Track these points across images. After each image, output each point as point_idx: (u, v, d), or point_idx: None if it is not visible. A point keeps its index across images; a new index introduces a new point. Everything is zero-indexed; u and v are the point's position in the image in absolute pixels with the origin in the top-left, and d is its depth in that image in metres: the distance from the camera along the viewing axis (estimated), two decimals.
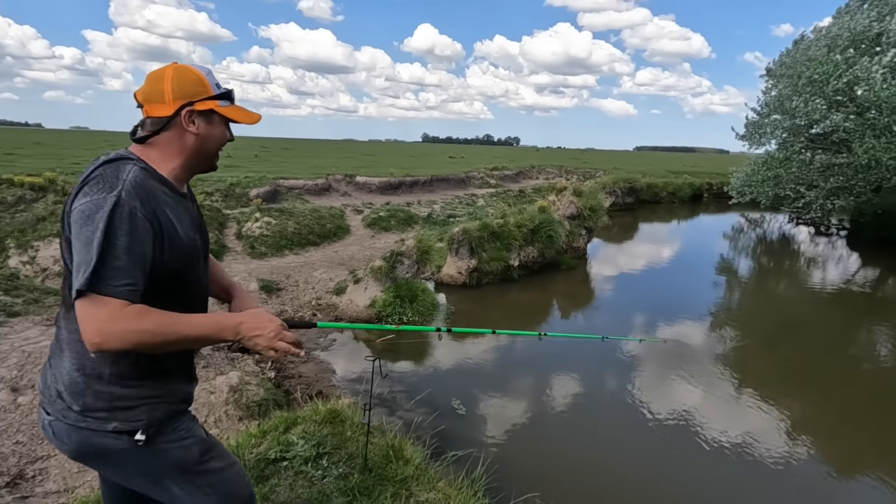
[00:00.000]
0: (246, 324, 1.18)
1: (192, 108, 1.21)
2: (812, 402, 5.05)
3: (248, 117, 1.31)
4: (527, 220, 9.34)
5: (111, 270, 1.04)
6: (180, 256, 1.20)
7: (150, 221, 1.11)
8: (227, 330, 1.17)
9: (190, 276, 1.28)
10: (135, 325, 1.04)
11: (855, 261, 12.61)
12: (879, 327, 7.70)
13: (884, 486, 3.68)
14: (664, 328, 6.93)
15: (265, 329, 1.19)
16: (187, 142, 1.23)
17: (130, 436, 1.19)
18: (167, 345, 1.10)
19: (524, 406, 4.74)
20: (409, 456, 2.19)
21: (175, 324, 1.11)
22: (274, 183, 13.04)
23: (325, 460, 2.08)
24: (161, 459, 1.25)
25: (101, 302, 1.03)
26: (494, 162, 28.23)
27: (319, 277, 8.22)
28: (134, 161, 1.18)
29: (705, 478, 3.70)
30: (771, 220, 18.97)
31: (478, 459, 2.53)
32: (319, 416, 2.47)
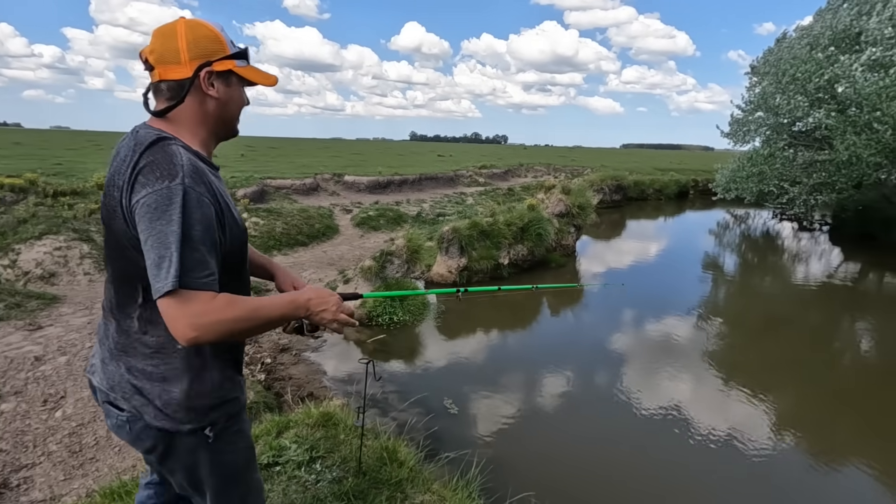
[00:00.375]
0: (314, 300, 1.19)
1: (211, 69, 1.11)
2: (796, 394, 5.13)
3: (265, 78, 1.22)
4: (516, 219, 9.37)
5: (193, 263, 0.99)
6: (238, 236, 1.16)
7: (213, 206, 1.06)
8: (300, 307, 1.17)
9: (245, 257, 1.25)
10: (229, 314, 1.03)
11: (837, 256, 12.85)
12: (861, 321, 7.86)
13: (864, 474, 3.76)
14: (652, 323, 6.99)
15: (329, 303, 1.20)
16: (209, 108, 1.14)
17: (202, 432, 1.17)
18: (255, 330, 1.10)
19: (517, 404, 4.75)
20: (403, 458, 2.18)
21: (261, 308, 1.10)
22: (261, 183, 12.91)
23: (318, 464, 2.05)
24: (213, 462, 1.22)
25: (189, 297, 0.99)
26: (483, 160, 28.27)
27: (309, 278, 8.16)
28: (174, 141, 1.08)
29: (695, 471, 3.74)
30: (755, 215, 19.25)
31: (472, 460, 2.52)
32: (312, 419, 2.44)
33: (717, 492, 3.53)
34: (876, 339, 7.13)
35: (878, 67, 10.20)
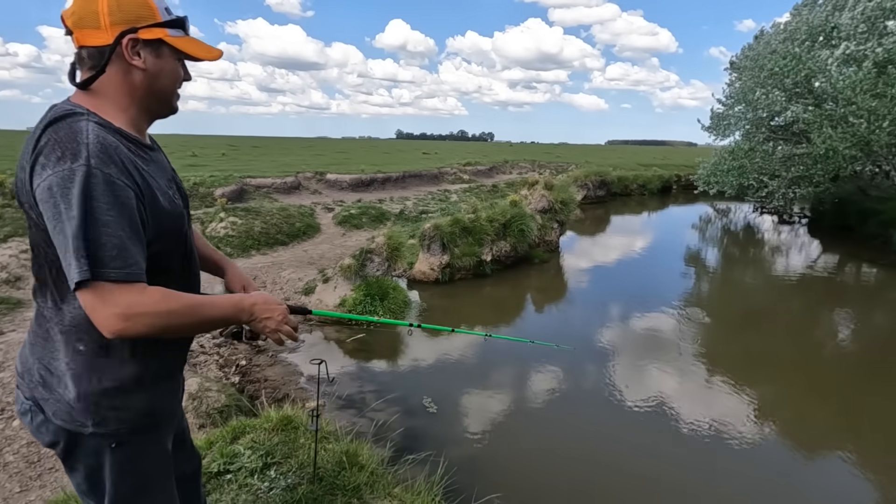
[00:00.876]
0: (259, 305, 1.13)
1: (136, 37, 1.00)
2: (777, 385, 5.15)
3: (206, 52, 1.11)
4: (498, 215, 9.32)
5: (109, 250, 0.90)
6: (167, 221, 1.06)
7: (132, 188, 0.96)
8: (243, 311, 1.11)
9: (181, 244, 1.15)
10: (162, 307, 0.96)
11: (816, 248, 13.04)
12: (839, 311, 7.96)
13: (843, 462, 3.77)
14: (634, 318, 6.99)
15: (275, 312, 1.15)
16: (135, 80, 1.03)
17: (105, 439, 1.08)
18: (191, 328, 1.05)
19: (497, 403, 4.69)
20: (364, 461, 2.10)
21: (201, 305, 1.04)
22: (240, 182, 12.68)
23: (272, 471, 1.96)
24: (118, 470, 1.11)
25: (111, 289, 0.91)
26: (468, 157, 28.21)
27: (288, 277, 8.02)
28: (85, 115, 0.97)
29: (677, 465, 3.71)
30: (737, 209, 19.49)
31: (443, 460, 2.45)
32: (271, 423, 2.35)
33: (699, 485, 3.51)
34: (853, 328, 7.22)
35: (852, 62, 10.35)
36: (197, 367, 5.30)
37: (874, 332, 7.14)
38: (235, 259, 8.72)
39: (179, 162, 18.61)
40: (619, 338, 6.28)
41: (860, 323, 7.43)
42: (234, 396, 4.32)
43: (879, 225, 12.09)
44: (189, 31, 1.11)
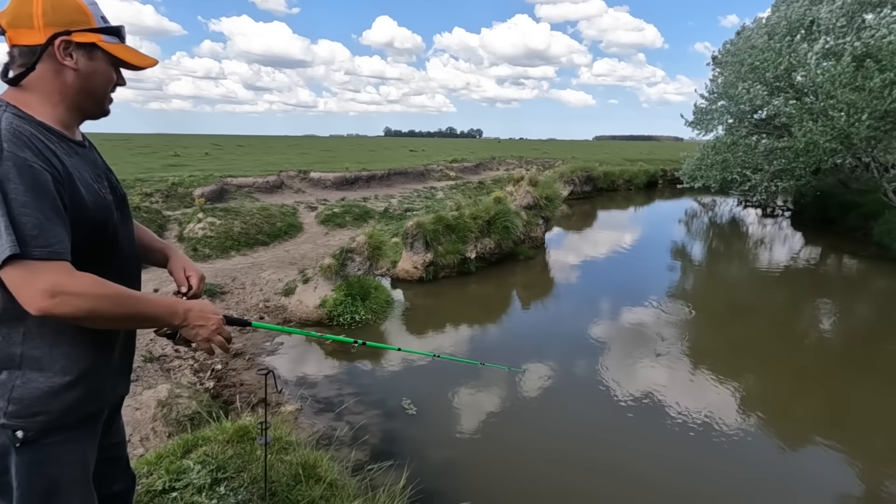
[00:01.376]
0: (193, 311, 1.16)
1: (69, 39, 1.05)
2: (763, 376, 5.14)
3: (139, 59, 1.16)
4: (482, 212, 9.24)
5: (30, 230, 0.93)
6: (90, 213, 1.07)
7: (49, 172, 0.98)
8: (176, 315, 1.13)
9: (108, 240, 1.14)
10: (92, 290, 0.98)
11: (798, 240, 13.17)
12: (822, 302, 8.02)
13: (829, 452, 3.76)
14: (620, 313, 6.96)
15: (209, 321, 1.17)
16: (66, 79, 1.08)
17: (10, 432, 1.04)
18: (120, 320, 1.06)
19: (478, 403, 4.61)
20: (323, 473, 2.00)
21: (134, 297, 1.06)
22: (221, 181, 12.45)
23: (222, 487, 1.85)
24: (24, 471, 1.06)
25: (38, 267, 0.93)
26: (455, 154, 28.10)
27: (268, 278, 7.87)
28: (3, 107, 1.01)
29: (659, 462, 3.66)
30: (721, 203, 19.63)
31: (410, 466, 2.36)
32: (226, 435, 2.24)
33: (682, 481, 3.47)
34: (835, 320, 7.27)
35: (831, 56, 10.41)
36: (170, 373, 5.16)
37: (856, 324, 7.19)
38: (214, 260, 8.55)
39: (161, 162, 18.28)
40: (604, 334, 6.24)
41: (842, 314, 7.49)
42: (205, 403, 4.19)
43: (860, 217, 12.23)
44: (125, 40, 1.17)
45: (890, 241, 10.23)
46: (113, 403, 1.27)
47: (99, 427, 1.20)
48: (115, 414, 1.33)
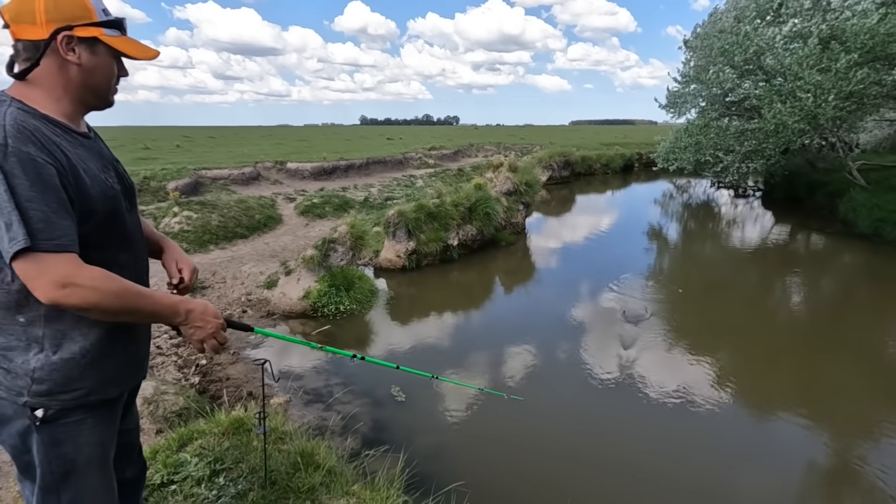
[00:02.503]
0: (195, 312, 1.20)
1: (71, 34, 1.07)
2: (736, 350, 5.34)
3: (142, 52, 1.18)
4: (463, 199, 9.26)
5: (36, 223, 0.96)
6: (98, 203, 1.10)
7: (54, 166, 1.01)
8: (178, 314, 1.17)
9: (118, 229, 1.18)
10: (100, 283, 1.02)
11: (769, 219, 13.59)
12: (791, 279, 8.33)
13: (798, 418, 3.95)
14: (601, 295, 7.11)
15: (208, 324, 1.21)
16: (70, 74, 1.10)
17: (31, 411, 1.09)
18: (124, 313, 1.08)
19: (462, 391, 4.68)
20: (321, 460, 2.03)
21: (139, 294, 1.09)
22: (195, 174, 12.15)
23: (221, 478, 1.86)
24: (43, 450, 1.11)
25: (47, 258, 0.97)
26: (433, 142, 27.95)
27: (249, 272, 7.77)
28: (7, 102, 1.04)
29: (641, 440, 3.79)
30: (695, 185, 20.07)
31: (407, 452, 2.40)
32: (221, 427, 2.24)
33: (663, 456, 3.60)
34: (804, 295, 7.57)
35: (799, 38, 10.67)
36: (154, 370, 5.08)
37: (823, 298, 7.51)
38: (192, 255, 8.38)
39: (130, 155, 17.70)
40: (585, 316, 6.37)
41: (810, 290, 7.80)
42: (193, 398, 4.15)
43: (826, 196, 12.68)
44: (126, 32, 1.19)
45: (854, 218, 10.65)
46: (131, 387, 1.30)
47: (118, 411, 1.24)
48: (131, 399, 1.38)
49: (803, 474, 3.44)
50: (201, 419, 3.58)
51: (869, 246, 9.59)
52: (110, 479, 1.22)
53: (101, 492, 1.19)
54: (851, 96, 10.14)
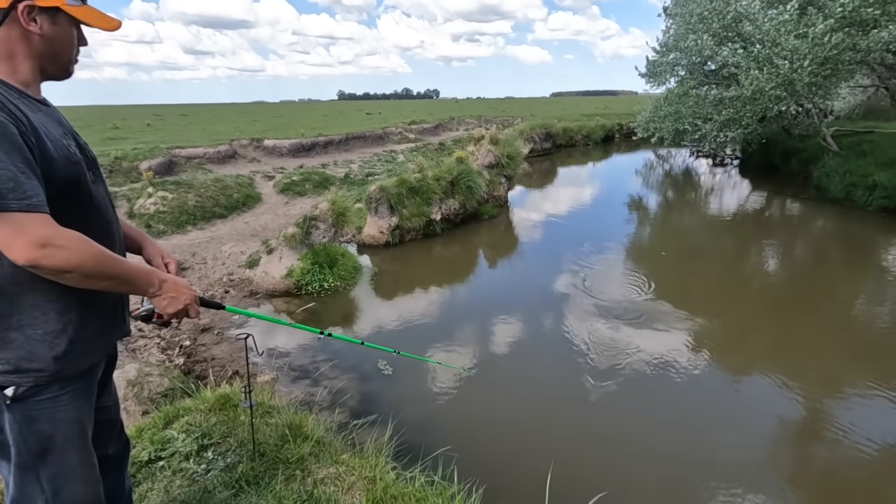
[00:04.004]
0: (169, 283, 1.20)
1: (33, 3, 1.06)
2: (714, 314, 5.49)
3: (104, 21, 1.17)
4: (445, 173, 9.19)
5: (5, 184, 0.93)
6: (59, 168, 1.07)
7: (12, 123, 0.98)
8: (153, 283, 1.17)
9: (83, 196, 1.15)
10: (79, 245, 1.00)
11: (746, 187, 13.83)
12: (766, 243, 8.54)
13: (776, 379, 4.12)
14: (584, 265, 7.20)
15: (181, 295, 1.22)
16: (32, 43, 1.09)
17: (2, 389, 1.06)
18: (103, 278, 1.06)
19: (451, 358, 4.75)
20: (309, 432, 2.05)
21: (116, 258, 1.08)
22: (168, 153, 11.78)
23: (210, 452, 1.87)
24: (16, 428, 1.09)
25: (21, 218, 0.94)
26: (413, 116, 27.51)
27: (230, 251, 7.66)
28: None
29: (624, 395, 3.92)
30: (675, 154, 20.24)
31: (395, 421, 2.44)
32: (208, 404, 2.24)
33: (643, 418, 3.73)
34: (780, 259, 7.78)
35: (777, 3, 10.66)
36: (136, 353, 5.03)
37: (796, 262, 7.73)
38: (170, 236, 8.21)
39: (99, 136, 17.06)
40: (567, 286, 6.46)
41: (784, 255, 8.01)
42: (178, 378, 4.13)
43: (800, 162, 12.91)
44: (87, 2, 1.17)
45: (827, 184, 10.90)
46: (102, 361, 1.28)
47: (93, 387, 1.22)
48: (108, 375, 1.36)
49: (776, 432, 3.60)
50: (187, 398, 3.58)
51: (840, 210, 9.85)
52: (90, 456, 1.21)
53: (81, 468, 1.18)
54: (827, 62, 10.24)
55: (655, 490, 2.98)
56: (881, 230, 8.68)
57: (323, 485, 1.77)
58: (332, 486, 1.78)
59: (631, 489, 2.98)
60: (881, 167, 9.88)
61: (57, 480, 1.14)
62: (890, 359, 4.46)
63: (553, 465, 2.18)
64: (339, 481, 1.80)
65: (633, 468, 3.17)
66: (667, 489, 2.99)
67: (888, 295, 5.98)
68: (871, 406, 3.76)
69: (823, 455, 3.34)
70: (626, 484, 3.01)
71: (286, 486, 1.73)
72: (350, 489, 1.77)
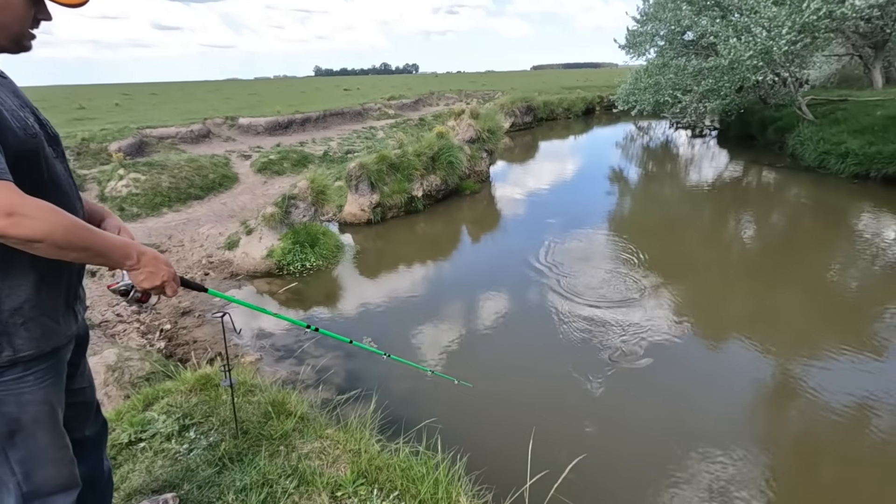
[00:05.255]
0: (147, 256, 1.16)
1: None
2: (692, 282, 5.61)
3: None
4: (425, 148, 9.09)
5: None
6: (14, 139, 1.02)
7: None
8: (130, 256, 1.13)
9: (42, 170, 1.10)
10: (49, 215, 0.96)
11: (724, 157, 13.99)
12: (743, 212, 8.71)
13: (753, 343, 4.25)
14: (566, 238, 7.25)
15: (160, 271, 1.18)
16: None
17: None
18: (74, 248, 1.01)
19: (435, 332, 4.78)
20: (292, 409, 2.05)
21: (88, 229, 1.04)
22: (139, 134, 11.38)
23: (192, 432, 1.86)
24: None
25: None
26: (392, 91, 26.97)
27: (207, 233, 7.51)
28: None
29: (602, 363, 4.00)
30: (655, 126, 20.31)
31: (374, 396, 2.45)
32: (188, 385, 2.22)
33: (624, 383, 3.82)
34: (756, 227, 7.95)
35: None
36: (115, 338, 4.95)
37: (771, 230, 7.90)
38: (145, 219, 8.01)
39: (64, 116, 16.37)
40: (550, 259, 6.51)
41: (760, 222, 8.18)
42: (160, 362, 4.09)
43: (776, 132, 13.08)
44: None
45: (802, 152, 11.08)
46: (68, 343, 1.24)
47: (61, 368, 1.19)
48: (80, 358, 1.32)
49: (751, 395, 3.73)
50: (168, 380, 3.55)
51: (814, 178, 10.06)
52: (61, 438, 1.19)
53: (52, 450, 1.16)
54: (804, 29, 10.28)
55: (633, 452, 3.09)
56: (852, 196, 8.91)
57: (308, 459, 1.78)
58: (317, 459, 1.79)
59: (610, 452, 3.07)
60: (853, 134, 10.07)
61: (28, 463, 1.12)
62: (859, 321, 4.63)
63: (535, 431, 2.23)
64: (323, 455, 1.81)
65: (611, 432, 3.26)
66: (644, 451, 3.09)
67: (858, 260, 6.17)
68: (840, 367, 3.92)
69: (796, 415, 3.48)
70: (605, 447, 3.11)
71: (270, 461, 1.74)
72: (335, 462, 1.78)
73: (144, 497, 1.57)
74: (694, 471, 2.87)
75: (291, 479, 1.64)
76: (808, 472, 2.97)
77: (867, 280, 5.58)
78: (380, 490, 1.63)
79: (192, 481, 1.62)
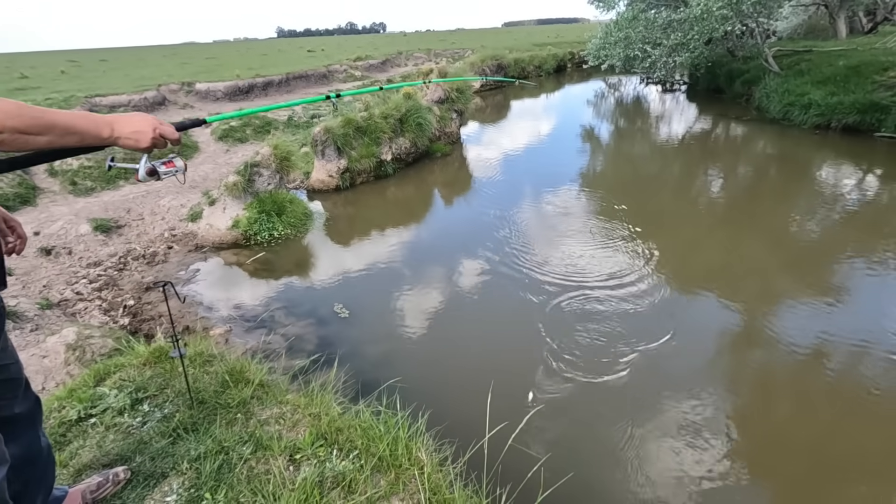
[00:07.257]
0: (121, 120, 1.10)
1: None
2: (662, 235, 5.71)
3: None
4: (393, 110, 8.83)
5: None
6: None
7: None
8: (103, 127, 1.07)
9: None
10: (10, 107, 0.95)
11: (693, 111, 14.05)
12: (710, 165, 8.82)
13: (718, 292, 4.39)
14: (539, 197, 7.25)
15: (144, 125, 1.12)
16: None
17: None
18: (37, 132, 0.97)
19: (407, 299, 4.77)
20: (251, 377, 2.02)
21: (37, 108, 1.01)
22: (87, 102, 10.73)
23: (145, 405, 1.82)
24: None
25: None
26: (359, 52, 25.97)
27: (169, 205, 7.24)
28: None
29: (581, 316, 4.08)
30: (626, 82, 20.19)
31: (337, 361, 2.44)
32: (141, 358, 2.16)
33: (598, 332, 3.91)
34: (724, 180, 8.08)
35: None
36: (76, 316, 4.80)
37: (737, 183, 8.05)
38: (101, 193, 7.65)
39: (4, 87, 15.29)
40: (525, 219, 6.51)
41: (726, 176, 8.31)
42: (123, 339, 3.98)
43: (743, 84, 13.15)
44: None
45: (767, 105, 11.20)
46: None
47: None
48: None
49: (716, 342, 3.87)
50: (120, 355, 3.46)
51: (779, 130, 10.21)
52: None
53: None
54: None
55: (594, 402, 3.18)
56: (814, 147, 9.11)
57: (266, 425, 1.77)
58: (276, 425, 1.78)
59: (568, 402, 3.16)
60: (816, 85, 10.20)
61: None
62: (819, 268, 4.81)
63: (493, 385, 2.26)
64: (282, 420, 1.80)
65: (572, 383, 3.35)
66: (606, 399, 3.19)
67: (819, 209, 6.36)
68: (800, 310, 4.08)
69: (758, 357, 3.63)
70: (563, 397, 3.20)
71: (227, 429, 1.71)
72: (295, 426, 1.78)
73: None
74: (653, 412, 2.99)
75: (248, 444, 1.63)
76: (768, 411, 3.13)
77: (827, 227, 5.77)
78: (339, 450, 1.63)
79: (144, 453, 1.59)
